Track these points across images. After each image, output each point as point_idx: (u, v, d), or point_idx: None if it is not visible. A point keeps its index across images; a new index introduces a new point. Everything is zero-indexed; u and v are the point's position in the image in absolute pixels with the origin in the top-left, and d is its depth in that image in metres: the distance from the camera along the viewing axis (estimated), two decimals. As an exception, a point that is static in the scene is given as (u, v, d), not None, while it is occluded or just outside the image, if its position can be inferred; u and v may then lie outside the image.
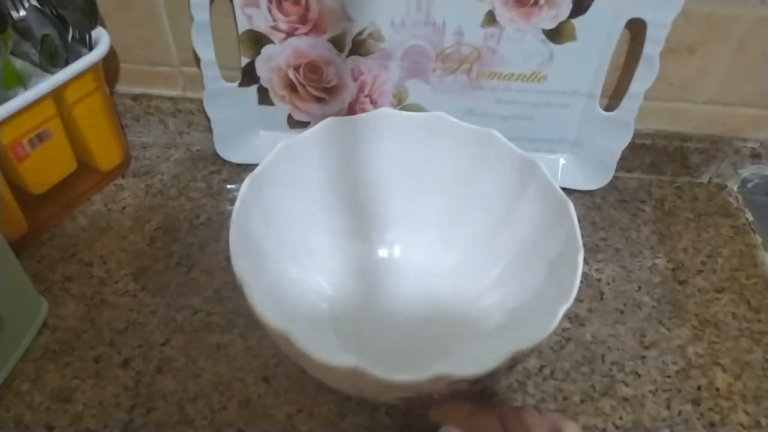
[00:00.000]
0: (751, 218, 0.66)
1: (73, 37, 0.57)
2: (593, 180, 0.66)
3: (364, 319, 0.53)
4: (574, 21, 0.56)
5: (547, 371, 0.51)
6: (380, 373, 0.36)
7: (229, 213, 0.45)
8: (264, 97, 0.64)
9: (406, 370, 0.36)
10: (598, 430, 0.48)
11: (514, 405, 0.43)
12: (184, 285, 0.56)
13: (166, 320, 0.54)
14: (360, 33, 0.59)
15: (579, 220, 0.45)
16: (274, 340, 0.41)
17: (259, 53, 0.61)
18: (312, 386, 0.49)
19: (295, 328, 0.38)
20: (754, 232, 0.64)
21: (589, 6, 0.55)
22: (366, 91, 0.63)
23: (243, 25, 0.59)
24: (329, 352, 0.37)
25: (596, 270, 0.60)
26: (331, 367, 0.37)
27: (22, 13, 0.56)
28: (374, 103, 0.64)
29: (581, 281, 0.42)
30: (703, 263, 0.61)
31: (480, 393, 0.49)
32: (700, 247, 0.63)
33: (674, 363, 0.52)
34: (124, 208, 0.64)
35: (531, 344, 0.38)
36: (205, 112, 0.65)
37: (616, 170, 0.65)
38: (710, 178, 0.69)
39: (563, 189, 0.48)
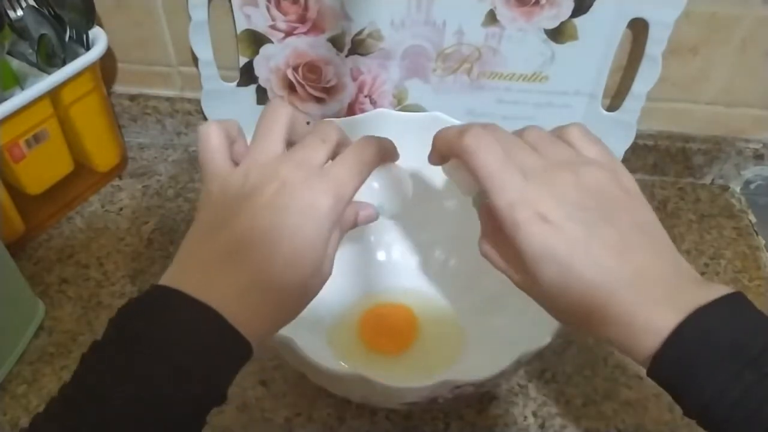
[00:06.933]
0: (754, 220, 0.65)
1: (70, 37, 0.56)
2: (595, 181, 0.66)
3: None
4: (576, 20, 0.56)
5: (549, 374, 0.51)
6: (385, 381, 0.35)
7: (227, 215, 0.44)
8: (263, 97, 0.64)
9: (407, 375, 0.36)
10: (601, 435, 0.48)
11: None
12: (181, 287, 0.56)
13: (163, 323, 0.53)
14: (359, 32, 0.58)
15: (581, 222, 0.45)
16: (275, 346, 0.40)
17: (257, 53, 0.60)
18: (311, 390, 0.48)
19: (293, 331, 0.37)
20: (757, 234, 0.64)
21: (590, 5, 0.55)
22: (365, 91, 0.62)
23: (241, 25, 0.58)
24: (329, 358, 0.37)
25: (598, 272, 0.59)
26: (335, 376, 0.36)
27: (20, 12, 0.55)
28: (374, 104, 0.63)
29: (584, 284, 0.41)
30: (706, 265, 0.60)
31: (480, 396, 0.49)
32: (702, 249, 0.62)
33: (677, 366, 0.52)
34: (121, 209, 0.63)
35: (537, 347, 0.38)
36: (202, 113, 0.65)
37: (618, 171, 0.65)
38: (713, 180, 0.69)
39: (565, 190, 0.47)
